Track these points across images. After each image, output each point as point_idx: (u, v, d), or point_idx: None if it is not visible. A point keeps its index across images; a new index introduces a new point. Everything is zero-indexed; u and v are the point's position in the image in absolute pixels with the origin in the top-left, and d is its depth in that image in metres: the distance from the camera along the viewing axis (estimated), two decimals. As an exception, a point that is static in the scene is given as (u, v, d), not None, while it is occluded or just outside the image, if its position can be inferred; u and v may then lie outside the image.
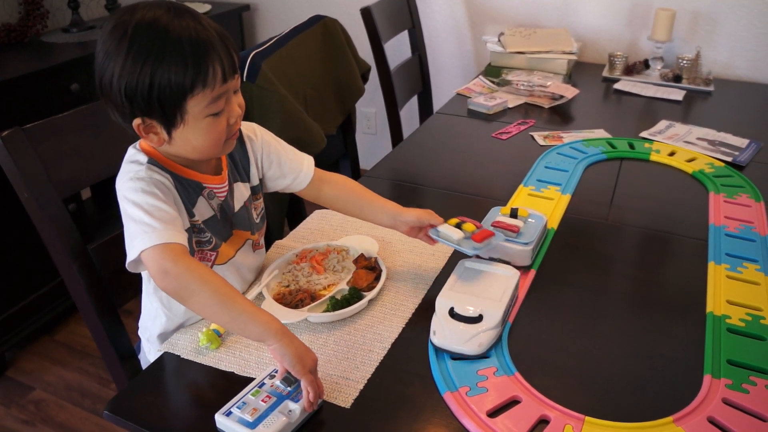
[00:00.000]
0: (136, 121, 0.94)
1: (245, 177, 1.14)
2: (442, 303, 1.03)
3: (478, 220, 1.17)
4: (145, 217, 0.92)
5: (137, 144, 1.03)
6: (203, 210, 1.04)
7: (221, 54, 0.91)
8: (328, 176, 1.20)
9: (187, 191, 1.02)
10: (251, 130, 1.16)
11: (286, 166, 1.17)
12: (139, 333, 1.22)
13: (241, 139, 1.13)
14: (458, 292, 1.04)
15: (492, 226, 1.19)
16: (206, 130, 0.95)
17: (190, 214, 1.02)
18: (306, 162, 1.18)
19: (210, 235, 1.05)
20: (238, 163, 1.13)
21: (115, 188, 1.00)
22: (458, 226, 1.13)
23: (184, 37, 0.89)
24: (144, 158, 0.99)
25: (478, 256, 1.16)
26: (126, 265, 0.97)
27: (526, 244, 1.17)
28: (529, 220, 1.24)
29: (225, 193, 1.08)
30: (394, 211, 1.17)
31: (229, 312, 0.88)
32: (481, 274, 1.09)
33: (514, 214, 1.24)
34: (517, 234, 1.18)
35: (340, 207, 1.20)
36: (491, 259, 1.17)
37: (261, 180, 1.17)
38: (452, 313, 1.00)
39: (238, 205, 1.12)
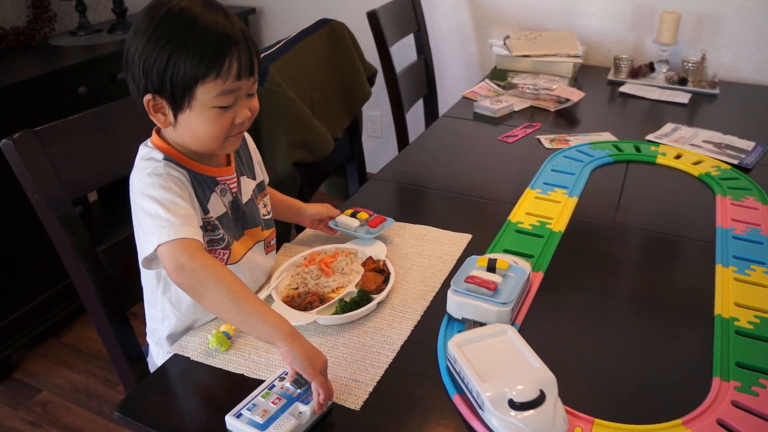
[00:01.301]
0: (147, 97, 0.97)
1: (250, 173, 1.17)
2: (494, 399, 0.83)
3: (484, 223, 1.17)
4: (163, 212, 0.93)
5: (148, 141, 1.05)
6: (216, 206, 1.06)
7: (241, 52, 0.94)
8: None
9: (202, 187, 1.04)
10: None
11: (263, 166, 1.25)
12: (147, 338, 1.22)
13: (243, 138, 1.16)
14: (491, 380, 0.86)
15: (466, 282, 1.04)
16: (210, 120, 0.97)
17: (204, 211, 1.04)
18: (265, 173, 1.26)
19: (222, 233, 1.06)
20: (242, 158, 1.16)
21: (121, 190, 1.02)
22: (353, 215, 1.29)
23: (210, 29, 0.92)
24: (160, 155, 1.01)
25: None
26: (140, 262, 0.98)
27: (504, 304, 1.01)
28: (510, 273, 1.09)
29: (235, 185, 1.11)
30: (296, 206, 1.31)
31: (240, 311, 0.89)
32: (482, 346, 0.93)
33: (492, 266, 1.08)
34: (494, 292, 1.03)
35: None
36: (465, 321, 1.04)
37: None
38: (514, 404, 0.83)
39: (245, 198, 1.14)
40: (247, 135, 1.21)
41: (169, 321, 1.11)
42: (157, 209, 0.93)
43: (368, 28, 2.21)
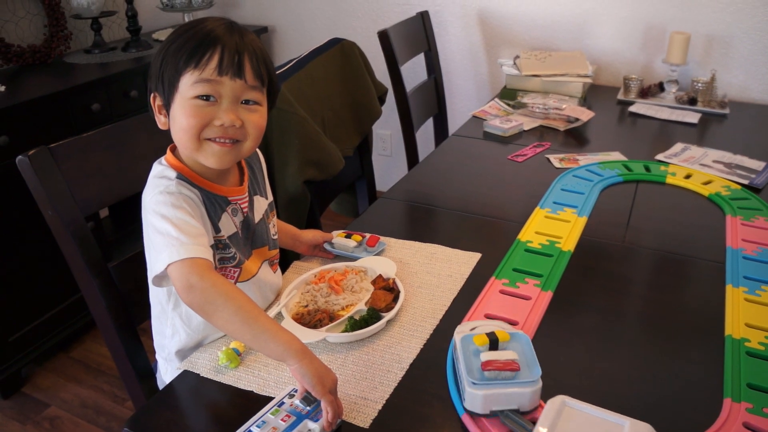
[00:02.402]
0: (153, 95, 1.02)
1: (262, 192, 1.18)
2: None
3: (494, 242, 1.17)
4: (173, 230, 0.93)
5: (162, 159, 1.06)
6: (227, 226, 1.07)
7: (226, 50, 0.95)
8: None
9: (213, 206, 1.04)
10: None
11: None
12: (156, 354, 1.23)
13: (257, 155, 1.19)
14: None
15: (484, 370, 0.90)
16: (188, 111, 0.96)
17: (216, 230, 1.04)
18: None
19: (234, 251, 1.07)
20: (258, 176, 1.17)
21: (132, 206, 1.03)
22: (348, 237, 1.32)
23: (203, 32, 0.96)
24: (173, 173, 1.02)
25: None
26: (150, 280, 0.99)
27: (533, 382, 0.89)
28: (514, 342, 0.96)
29: (246, 205, 1.11)
30: (292, 232, 1.32)
31: (251, 329, 0.89)
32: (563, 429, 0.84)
33: (494, 344, 0.94)
34: (518, 372, 0.90)
35: None
36: (495, 414, 0.89)
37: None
38: None
39: (257, 217, 1.15)
40: (260, 153, 1.22)
41: (179, 336, 1.12)
42: (168, 228, 0.94)
43: (379, 48, 2.23)
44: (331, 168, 1.71)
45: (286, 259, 1.37)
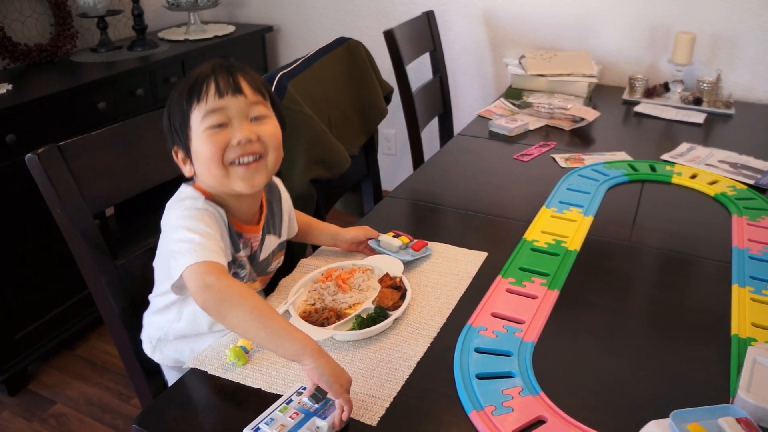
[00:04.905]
0: (174, 149, 1.07)
1: (277, 230, 1.21)
2: None
3: (500, 241, 1.17)
4: (195, 237, 0.97)
5: (191, 183, 1.09)
6: (241, 252, 1.12)
7: (219, 74, 1.01)
8: None
9: (231, 234, 1.09)
10: (280, 185, 1.24)
11: (294, 220, 1.30)
12: (144, 336, 1.24)
13: (279, 194, 1.22)
14: None
15: None
16: (206, 140, 1.00)
17: (236, 249, 1.09)
18: (294, 219, 1.30)
19: (249, 270, 1.13)
20: (275, 216, 1.20)
21: (139, 205, 1.06)
22: (396, 237, 1.30)
23: (198, 71, 1.02)
24: (201, 196, 1.06)
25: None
26: (170, 287, 1.02)
27: None
28: None
29: (258, 244, 1.15)
30: (333, 231, 1.33)
31: (266, 328, 0.90)
32: None
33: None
34: None
35: (296, 240, 1.32)
36: None
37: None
38: None
39: (263, 255, 1.18)
40: (284, 191, 1.25)
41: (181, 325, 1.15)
42: (190, 236, 0.97)
43: (385, 47, 2.23)
44: (338, 167, 1.72)
45: (293, 258, 1.37)
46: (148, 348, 1.22)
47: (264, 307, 0.92)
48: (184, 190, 1.08)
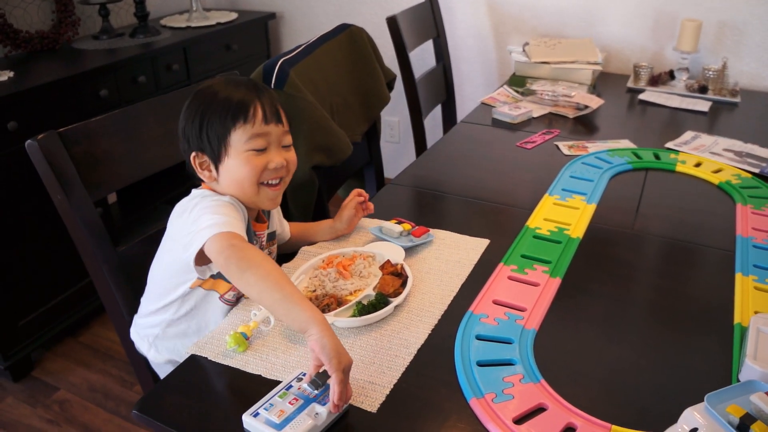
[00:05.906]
0: (192, 155, 1.11)
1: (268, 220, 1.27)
2: None
3: (502, 228, 1.17)
4: (220, 218, 1.02)
5: (203, 188, 1.15)
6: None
7: (264, 100, 1.09)
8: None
9: (248, 230, 1.13)
10: None
11: (280, 212, 1.34)
12: (136, 326, 1.25)
13: None
14: None
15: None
16: (245, 161, 1.08)
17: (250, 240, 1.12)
18: (285, 223, 1.35)
19: None
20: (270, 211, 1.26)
21: (141, 192, 1.09)
22: (398, 224, 1.32)
23: (231, 97, 1.08)
24: (223, 196, 1.11)
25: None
26: (191, 259, 1.03)
27: None
28: None
29: (264, 240, 1.23)
30: (327, 224, 1.35)
31: (281, 291, 0.92)
32: None
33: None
34: None
35: (293, 246, 1.35)
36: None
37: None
38: None
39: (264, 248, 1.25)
40: None
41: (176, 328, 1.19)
42: (217, 218, 1.02)
43: (388, 34, 2.22)
44: (340, 153, 1.71)
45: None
46: (143, 346, 1.24)
47: (280, 273, 0.95)
48: (202, 191, 1.13)
